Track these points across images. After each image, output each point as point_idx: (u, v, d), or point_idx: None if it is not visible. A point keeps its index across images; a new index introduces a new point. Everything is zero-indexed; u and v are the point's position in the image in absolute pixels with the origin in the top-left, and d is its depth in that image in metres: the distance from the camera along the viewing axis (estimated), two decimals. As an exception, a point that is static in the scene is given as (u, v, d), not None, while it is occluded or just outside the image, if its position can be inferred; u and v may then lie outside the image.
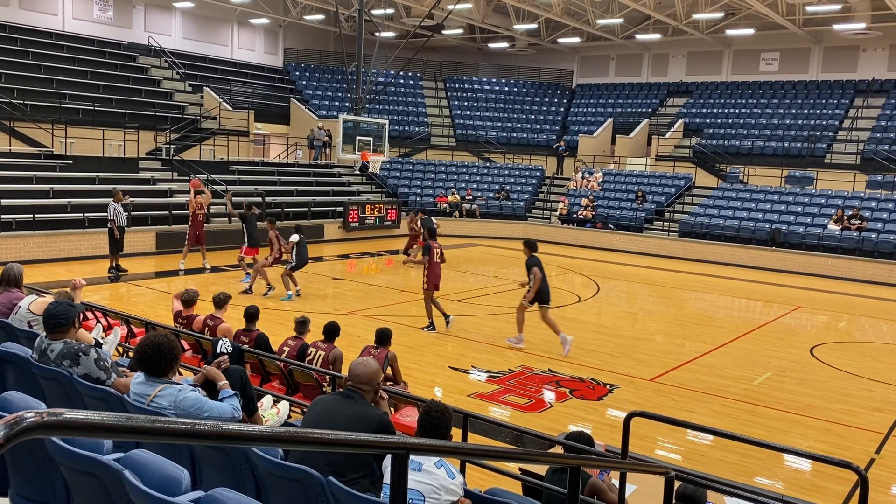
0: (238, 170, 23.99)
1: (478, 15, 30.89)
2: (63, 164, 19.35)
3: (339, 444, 2.30)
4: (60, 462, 3.10)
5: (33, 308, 5.86)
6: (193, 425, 1.70)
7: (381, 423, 3.78)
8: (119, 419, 1.57)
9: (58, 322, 4.49)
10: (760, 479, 6.82)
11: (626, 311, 15.63)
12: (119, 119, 23.02)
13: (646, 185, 27.57)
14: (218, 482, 3.16)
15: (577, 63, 37.15)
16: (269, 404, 5.46)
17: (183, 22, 30.62)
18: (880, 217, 22.09)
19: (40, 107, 21.42)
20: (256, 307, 7.79)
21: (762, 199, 24.75)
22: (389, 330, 7.49)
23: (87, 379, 4.25)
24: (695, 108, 32.02)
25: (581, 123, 33.59)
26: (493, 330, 12.42)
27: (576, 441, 4.78)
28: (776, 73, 31.66)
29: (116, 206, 15.49)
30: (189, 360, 7.58)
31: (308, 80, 33.83)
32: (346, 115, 26.02)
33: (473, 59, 38.48)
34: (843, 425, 8.50)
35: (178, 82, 28.00)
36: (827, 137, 27.33)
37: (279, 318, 11.90)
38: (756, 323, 14.46)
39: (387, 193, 28.25)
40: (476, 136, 33.10)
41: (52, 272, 14.97)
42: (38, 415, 1.41)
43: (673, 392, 9.44)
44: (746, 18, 28.55)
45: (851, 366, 11.23)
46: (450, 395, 8.76)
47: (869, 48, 29.28)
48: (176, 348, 3.94)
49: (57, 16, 26.57)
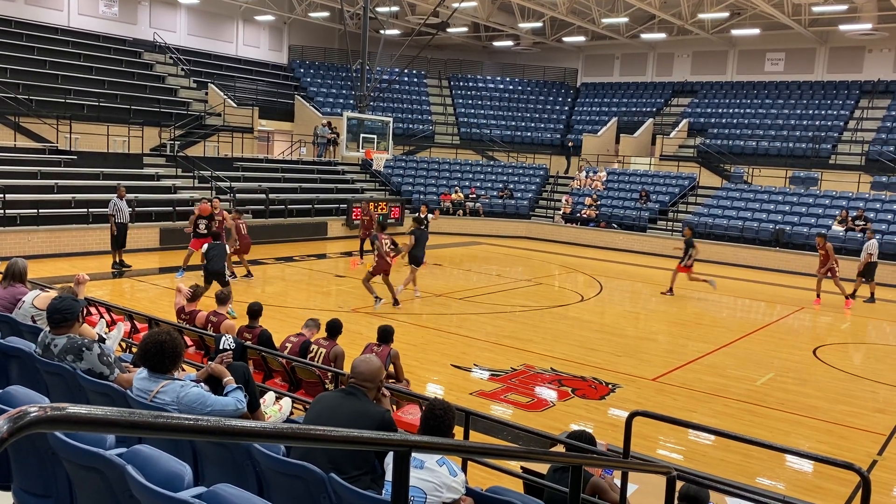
0: (242, 166, 24.01)
1: (483, 13, 30.86)
2: (67, 159, 19.39)
3: (340, 441, 2.31)
4: (63, 457, 3.11)
5: (37, 303, 5.88)
6: (196, 421, 1.70)
7: (383, 420, 3.79)
8: (122, 414, 1.57)
9: (62, 317, 4.50)
10: (762, 480, 6.82)
11: (628, 310, 15.62)
12: (124, 115, 23.07)
13: (650, 184, 27.53)
14: (220, 478, 3.17)
15: (581, 62, 37.11)
16: (271, 401, 5.47)
17: (188, 18, 30.65)
18: (885, 218, 22.03)
19: (45, 102, 21.46)
20: (259, 304, 7.80)
21: (766, 199, 24.70)
22: (391, 327, 7.49)
23: (90, 374, 4.26)
24: (699, 107, 31.97)
25: (585, 122, 33.56)
26: (496, 328, 12.42)
27: (578, 440, 4.78)
28: (781, 73, 31.59)
29: (119, 201, 15.53)
30: (192, 356, 7.59)
31: (313, 77, 33.83)
32: (350, 113, 26.00)
33: (478, 57, 38.45)
34: (845, 426, 8.48)
35: (183, 79, 28.03)
36: (832, 138, 27.27)
37: (282, 314, 11.92)
38: (759, 323, 14.44)
39: (391, 191, 28.25)
40: (480, 135, 33.09)
41: (55, 267, 15.01)
42: (41, 409, 1.41)
43: (675, 392, 9.44)
44: (752, 18, 28.47)
45: (854, 367, 11.22)
46: (452, 393, 8.76)
47: (875, 49, 29.19)
48: (179, 346, 3.95)
49: (62, 11, 26.62)
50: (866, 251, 17.24)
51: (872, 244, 17.22)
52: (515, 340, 11.56)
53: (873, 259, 17.21)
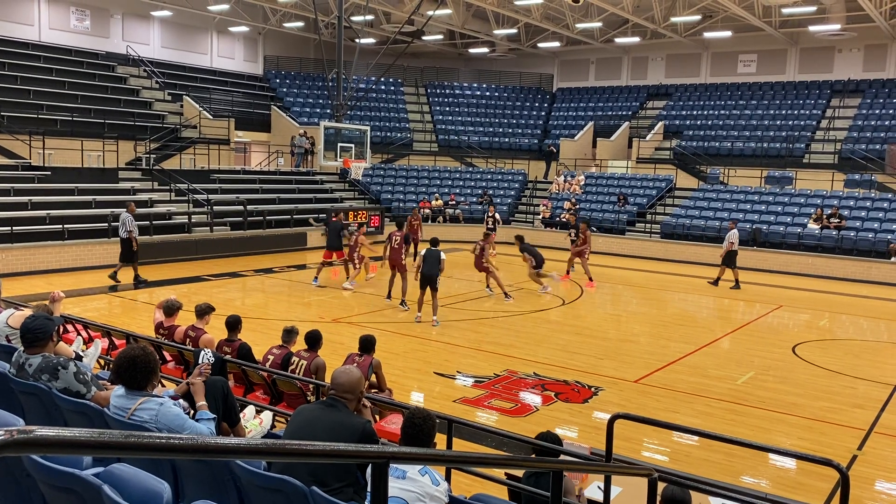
0: (219, 178, 23.87)
1: (458, 20, 30.96)
2: (41, 175, 19.16)
3: (317, 455, 2.29)
4: (38, 478, 3.05)
5: (11, 322, 5.79)
6: (169, 440, 1.68)
7: (363, 431, 3.77)
8: (92, 435, 1.55)
9: (35, 336, 4.43)
10: (745, 479, 6.86)
11: (609, 312, 15.69)
12: (98, 129, 22.84)
13: (627, 187, 27.72)
14: (200, 494, 3.14)
15: (557, 67, 37.33)
16: (251, 415, 5.43)
17: (161, 31, 30.46)
18: (858, 215, 22.34)
19: (17, 118, 21.21)
20: (238, 316, 7.72)
21: (742, 199, 24.96)
22: (373, 337, 7.45)
23: (67, 393, 4.20)
24: (674, 110, 32.27)
25: (562, 127, 33.74)
26: (478, 335, 12.42)
27: (545, 441, 4.78)
28: (754, 74, 31.99)
29: (128, 216, 15.51)
30: (171, 371, 7.51)
31: (289, 87, 33.74)
32: (327, 122, 25.92)
33: (454, 64, 38.56)
34: (825, 423, 8.57)
35: (158, 91, 27.83)
36: (805, 137, 27.64)
37: (263, 326, 11.84)
38: (738, 322, 14.57)
39: (370, 200, 28.21)
40: (458, 141, 33.15)
41: (31, 285, 14.80)
42: (7, 433, 1.39)
43: (657, 393, 9.48)
44: (724, 21, 28.81)
45: (833, 363, 11.34)
46: (435, 400, 8.74)
47: (844, 49, 29.65)
48: (153, 361, 3.90)
49: (33, 26, 26.34)
50: (728, 240, 18.15)
51: (734, 234, 18.23)
52: (498, 346, 11.57)
53: (734, 248, 18.15)
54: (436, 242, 13.36)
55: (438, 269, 12.71)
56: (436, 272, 12.68)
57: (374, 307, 14.35)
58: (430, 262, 12.74)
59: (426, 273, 12.73)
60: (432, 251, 12.89)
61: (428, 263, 12.76)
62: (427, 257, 12.85)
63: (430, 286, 12.74)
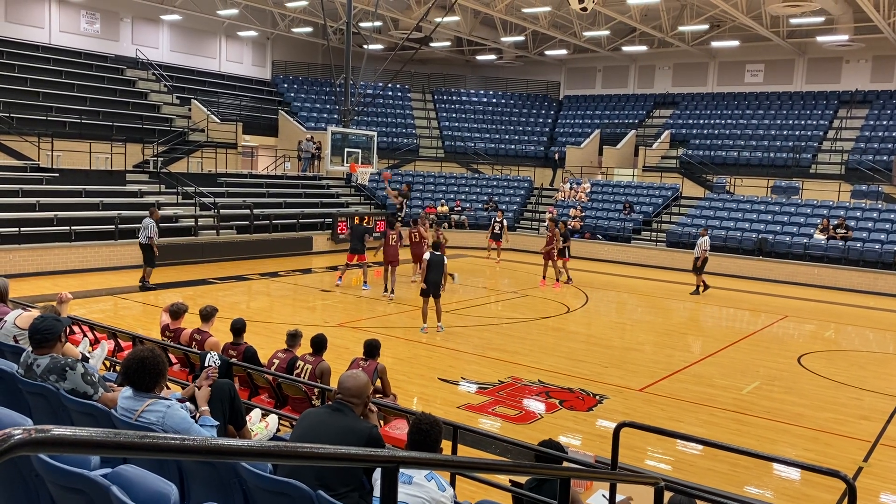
0: (226, 182, 23.94)
1: (465, 27, 31.04)
2: (49, 177, 19.25)
3: (327, 458, 2.30)
4: (47, 478, 3.07)
5: (19, 322, 5.81)
6: (182, 440, 1.69)
7: (370, 436, 3.78)
8: (108, 435, 1.56)
9: (43, 337, 4.46)
10: (750, 489, 6.84)
11: (614, 321, 15.67)
12: (106, 132, 22.95)
13: (633, 195, 27.71)
14: (206, 497, 3.15)
15: (564, 75, 37.38)
16: (257, 418, 5.44)
17: (170, 34, 30.60)
18: (865, 226, 22.28)
19: (27, 120, 21.32)
20: (243, 320, 7.75)
21: (748, 209, 24.93)
22: (378, 342, 7.46)
23: (74, 394, 4.21)
24: (681, 119, 32.27)
25: (568, 135, 33.76)
26: (483, 341, 12.42)
27: (548, 448, 4.78)
28: (761, 84, 31.98)
29: (153, 222, 15.57)
30: (177, 373, 7.53)
31: (296, 92, 33.85)
32: (334, 127, 25.99)
33: (461, 71, 38.64)
34: (831, 434, 8.54)
35: (166, 95, 27.95)
36: (812, 148, 27.60)
37: (268, 330, 11.86)
38: (744, 332, 14.53)
39: (375, 205, 28.25)
40: (464, 148, 33.20)
41: (38, 286, 14.85)
42: (25, 431, 1.40)
43: (662, 402, 9.46)
44: (731, 30, 28.84)
45: (839, 374, 11.30)
46: (440, 406, 8.74)
47: (852, 60, 29.64)
48: (161, 363, 3.91)
49: (44, 28, 26.49)
50: (700, 247, 18.33)
51: (705, 241, 18.41)
52: (503, 353, 11.56)
53: (707, 255, 18.40)
54: (437, 247, 13.32)
55: (443, 274, 12.65)
56: (440, 278, 12.61)
57: (378, 312, 14.37)
58: (435, 269, 12.60)
59: (432, 280, 12.56)
60: (436, 256, 12.70)
61: (433, 270, 12.61)
62: (431, 263, 12.66)
63: (434, 294, 12.63)
